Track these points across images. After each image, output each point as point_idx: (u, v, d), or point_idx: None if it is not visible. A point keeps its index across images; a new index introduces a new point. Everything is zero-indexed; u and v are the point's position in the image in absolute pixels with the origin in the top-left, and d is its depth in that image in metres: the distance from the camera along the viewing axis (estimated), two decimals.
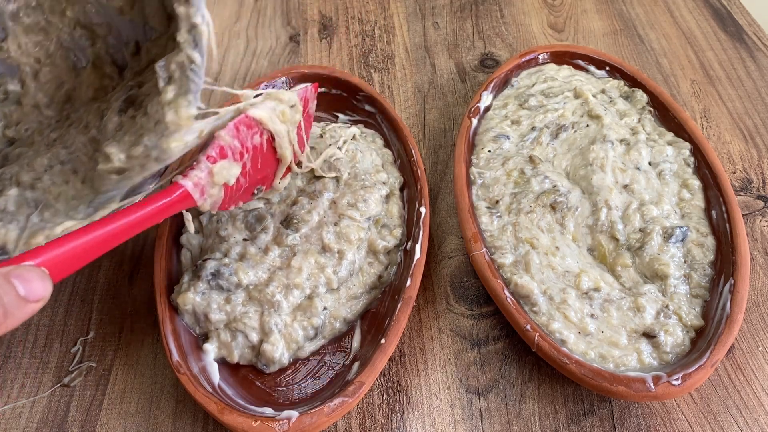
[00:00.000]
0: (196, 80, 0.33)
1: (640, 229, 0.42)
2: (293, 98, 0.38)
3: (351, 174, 0.45)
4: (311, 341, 0.39)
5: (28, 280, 0.25)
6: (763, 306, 0.42)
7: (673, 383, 0.34)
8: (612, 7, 0.66)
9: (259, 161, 0.38)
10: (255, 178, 0.38)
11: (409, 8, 0.67)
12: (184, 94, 0.33)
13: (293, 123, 0.39)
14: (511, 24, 0.64)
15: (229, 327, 0.38)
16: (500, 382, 0.39)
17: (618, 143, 0.46)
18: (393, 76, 0.59)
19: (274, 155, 0.39)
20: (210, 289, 0.39)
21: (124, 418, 0.38)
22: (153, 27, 0.43)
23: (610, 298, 0.39)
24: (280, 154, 0.39)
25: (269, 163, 0.39)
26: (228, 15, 0.67)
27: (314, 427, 0.33)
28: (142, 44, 0.43)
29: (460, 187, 0.43)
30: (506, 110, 0.50)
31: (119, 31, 0.43)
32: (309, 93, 0.41)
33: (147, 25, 0.43)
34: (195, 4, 0.32)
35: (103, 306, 0.43)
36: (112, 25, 0.43)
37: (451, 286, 0.44)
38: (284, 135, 0.38)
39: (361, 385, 0.34)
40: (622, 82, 0.52)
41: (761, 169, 0.50)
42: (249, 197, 0.39)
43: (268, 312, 0.38)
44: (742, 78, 0.57)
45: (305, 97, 0.41)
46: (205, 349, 0.38)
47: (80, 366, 0.40)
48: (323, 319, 0.39)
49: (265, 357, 0.38)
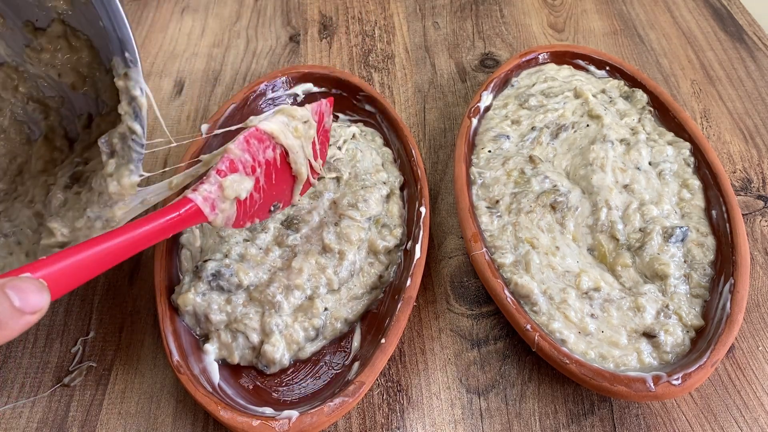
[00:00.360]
0: (137, 149, 0.34)
1: (640, 229, 0.42)
2: (306, 114, 0.38)
3: (351, 174, 0.45)
4: (312, 342, 0.39)
5: (23, 291, 0.25)
6: (763, 306, 0.42)
7: (673, 383, 0.34)
8: (612, 7, 0.66)
9: (273, 176, 0.37)
10: (270, 194, 0.37)
11: (409, 8, 0.67)
12: (126, 164, 0.34)
13: (307, 138, 0.38)
14: (511, 24, 0.64)
15: (230, 328, 0.38)
16: (500, 382, 0.39)
17: (618, 143, 0.46)
18: (393, 76, 0.59)
19: (290, 171, 0.38)
20: (211, 289, 0.39)
21: (124, 418, 0.38)
22: (105, 101, 0.44)
23: (610, 298, 0.39)
24: (296, 170, 0.38)
25: (284, 179, 0.38)
26: (228, 15, 0.67)
27: (314, 427, 0.33)
28: (94, 116, 0.45)
29: (460, 187, 0.43)
30: (506, 110, 0.50)
31: (72, 103, 0.45)
32: (324, 107, 0.41)
33: (99, 99, 0.44)
34: (133, 78, 0.33)
35: (103, 306, 0.43)
36: (65, 97, 0.44)
37: (451, 286, 0.44)
38: (298, 150, 0.38)
39: (361, 385, 0.34)
40: (622, 82, 0.52)
41: (761, 169, 0.50)
42: (266, 214, 0.38)
43: (269, 313, 0.38)
44: (742, 78, 0.57)
45: (320, 112, 0.40)
46: (206, 349, 0.38)
47: (80, 366, 0.40)
48: (324, 320, 0.39)
49: (265, 358, 0.38)
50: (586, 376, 0.34)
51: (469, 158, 0.47)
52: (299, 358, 0.39)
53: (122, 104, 0.34)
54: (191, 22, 0.66)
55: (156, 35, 0.64)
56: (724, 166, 0.49)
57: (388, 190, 0.45)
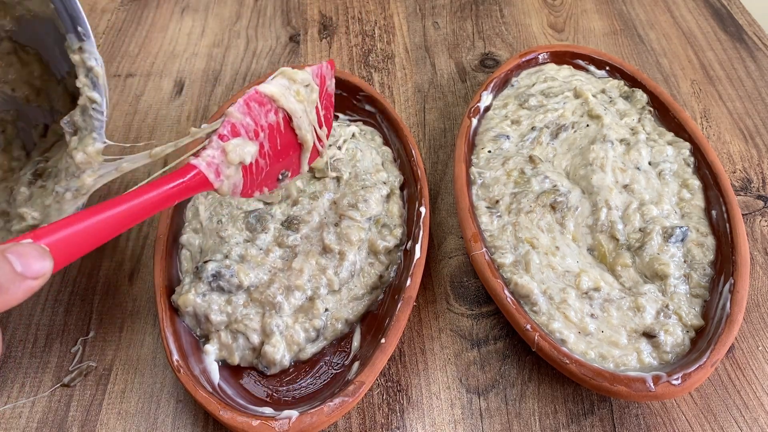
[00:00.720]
0: (99, 117, 0.35)
1: (640, 228, 0.42)
2: (307, 77, 0.36)
3: (351, 174, 0.45)
4: (312, 343, 0.39)
5: (25, 256, 0.24)
6: (763, 306, 0.42)
7: (673, 383, 0.34)
8: (612, 7, 0.66)
9: (278, 141, 0.35)
10: (276, 161, 0.36)
11: (409, 8, 0.67)
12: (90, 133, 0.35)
13: (310, 102, 0.37)
14: (511, 24, 0.64)
15: (230, 328, 0.38)
16: (500, 381, 0.39)
17: (618, 143, 0.46)
18: (393, 76, 0.59)
19: (295, 138, 0.37)
20: (211, 290, 0.39)
21: (124, 418, 0.38)
22: (58, 110, 0.45)
23: (610, 298, 0.39)
24: (301, 136, 0.37)
25: (290, 146, 0.37)
26: (228, 15, 0.67)
27: (314, 427, 0.33)
28: (50, 125, 0.46)
29: (460, 187, 0.43)
30: (506, 110, 0.50)
31: (27, 116, 0.46)
32: (325, 70, 0.38)
33: (53, 109, 0.46)
34: (87, 50, 0.35)
35: (103, 306, 0.43)
36: (20, 111, 0.45)
37: (451, 285, 0.44)
38: (302, 115, 0.36)
39: (361, 384, 0.34)
40: (622, 82, 0.52)
41: (761, 169, 0.50)
42: (274, 183, 0.37)
43: (270, 313, 0.38)
44: (742, 78, 0.57)
45: (321, 75, 0.38)
46: (206, 350, 0.38)
47: (80, 366, 0.40)
48: (325, 321, 0.39)
49: (266, 359, 0.38)
50: (586, 376, 0.34)
51: (469, 158, 0.47)
52: (300, 359, 0.39)
53: (80, 78, 0.35)
54: (191, 22, 0.66)
55: (156, 35, 0.64)
56: (724, 166, 0.49)
57: (388, 190, 0.45)
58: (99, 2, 0.68)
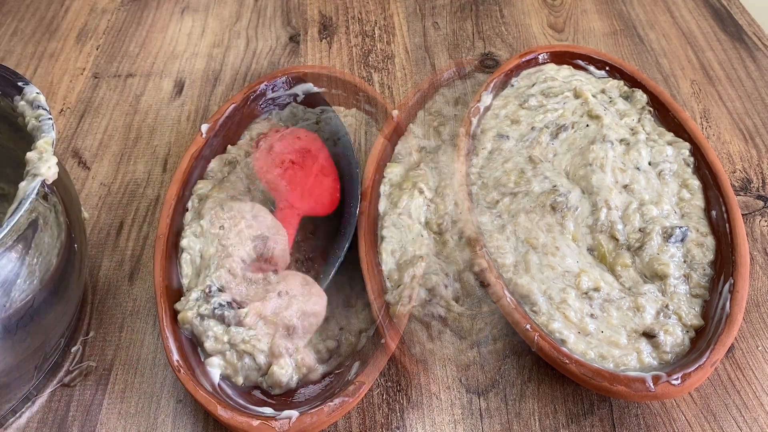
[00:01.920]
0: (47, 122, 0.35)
1: (640, 229, 0.42)
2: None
3: None
4: (325, 363, 0.38)
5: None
6: (763, 306, 0.42)
7: (673, 383, 0.34)
8: (612, 7, 0.66)
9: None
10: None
11: (409, 8, 0.67)
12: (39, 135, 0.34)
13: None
14: (511, 24, 0.64)
15: (236, 348, 0.37)
16: (500, 381, 0.39)
17: (618, 143, 0.46)
18: (393, 76, 0.59)
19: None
20: (212, 317, 0.37)
21: (124, 418, 0.38)
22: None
23: (610, 298, 0.39)
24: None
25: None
26: (228, 15, 0.67)
27: (314, 427, 0.33)
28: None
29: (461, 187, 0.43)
30: (506, 110, 0.50)
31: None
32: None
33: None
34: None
35: (103, 306, 0.43)
36: None
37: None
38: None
39: (361, 385, 0.34)
40: (622, 82, 0.52)
41: (761, 169, 0.50)
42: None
43: (281, 334, 0.37)
44: (742, 78, 0.57)
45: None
46: (211, 362, 0.37)
47: (80, 366, 0.40)
48: (340, 340, 0.39)
49: (271, 379, 0.36)
50: (586, 376, 0.34)
51: (469, 158, 0.47)
52: (309, 380, 0.37)
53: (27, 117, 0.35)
54: (191, 23, 0.66)
55: (156, 35, 0.64)
56: (723, 166, 0.49)
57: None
58: (99, 2, 0.68)
